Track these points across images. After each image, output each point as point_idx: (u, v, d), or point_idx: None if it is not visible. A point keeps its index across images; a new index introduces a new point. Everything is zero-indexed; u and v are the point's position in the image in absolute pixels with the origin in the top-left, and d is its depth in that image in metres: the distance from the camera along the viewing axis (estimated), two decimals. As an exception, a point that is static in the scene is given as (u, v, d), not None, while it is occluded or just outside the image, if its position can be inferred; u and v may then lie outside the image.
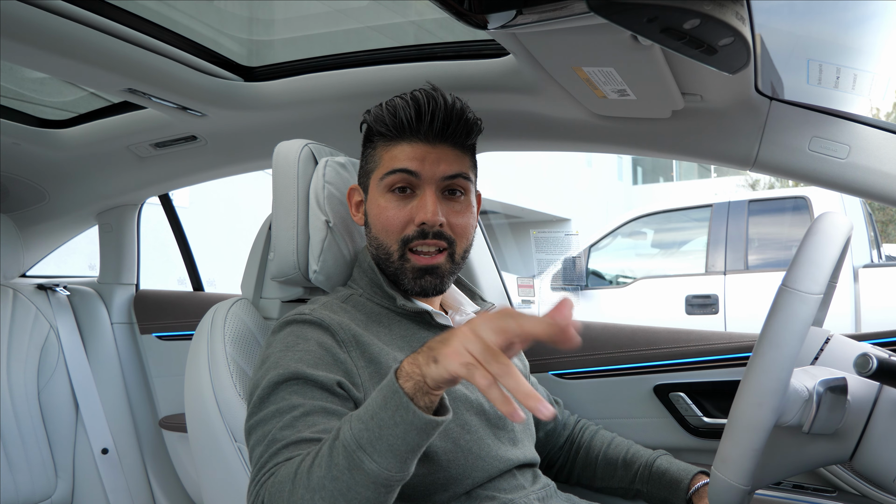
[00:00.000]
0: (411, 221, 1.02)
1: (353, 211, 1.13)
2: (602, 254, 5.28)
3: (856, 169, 1.11)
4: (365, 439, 0.72)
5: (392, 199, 1.03)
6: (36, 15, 1.10)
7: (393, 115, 1.02)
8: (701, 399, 1.40)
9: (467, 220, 1.06)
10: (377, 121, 1.05)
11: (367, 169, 1.08)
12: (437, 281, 1.04)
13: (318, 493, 0.73)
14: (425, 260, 1.02)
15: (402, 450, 0.72)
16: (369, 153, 1.08)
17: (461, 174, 1.04)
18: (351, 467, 0.72)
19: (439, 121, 1.01)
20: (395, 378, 0.72)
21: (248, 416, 0.90)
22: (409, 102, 1.02)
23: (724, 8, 0.77)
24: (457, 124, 1.03)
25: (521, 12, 0.85)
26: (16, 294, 1.98)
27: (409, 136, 1.02)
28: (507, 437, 1.04)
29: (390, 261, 1.04)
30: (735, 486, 0.78)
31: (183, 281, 2.37)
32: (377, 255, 1.06)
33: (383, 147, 1.05)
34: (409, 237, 1.02)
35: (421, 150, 1.02)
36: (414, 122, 1.01)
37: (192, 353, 1.18)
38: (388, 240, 1.03)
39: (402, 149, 1.03)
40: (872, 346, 0.96)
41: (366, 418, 0.73)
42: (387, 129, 1.03)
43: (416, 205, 1.02)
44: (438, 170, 1.02)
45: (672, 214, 5.26)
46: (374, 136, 1.07)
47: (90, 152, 1.82)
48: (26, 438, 1.87)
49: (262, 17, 1.47)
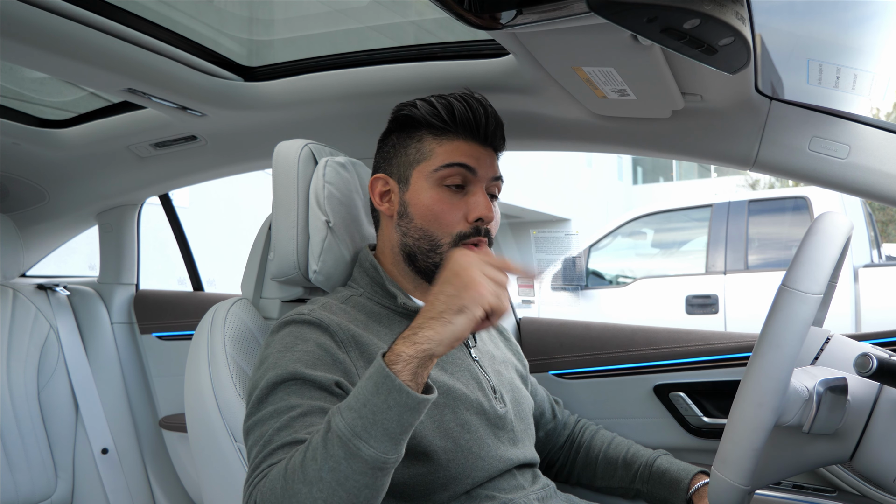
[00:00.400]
0: (464, 218, 1.04)
1: (379, 201, 1.10)
2: (602, 254, 5.28)
3: (856, 169, 1.11)
4: (360, 427, 0.73)
5: (447, 193, 1.04)
6: (36, 15, 1.10)
7: (450, 110, 1.04)
8: (701, 399, 1.40)
9: (498, 221, 1.11)
10: (431, 114, 1.05)
11: (410, 159, 1.07)
12: None
13: (316, 486, 0.74)
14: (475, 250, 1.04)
15: (396, 431, 0.74)
16: (412, 144, 1.07)
17: (501, 178, 1.09)
18: (348, 456, 0.73)
19: (492, 124, 1.06)
20: (386, 364, 0.74)
21: (247, 416, 0.91)
22: (462, 102, 1.04)
23: (724, 8, 0.76)
24: (501, 131, 1.08)
25: (521, 12, 0.85)
26: (16, 294, 1.98)
27: (464, 133, 1.05)
28: (507, 437, 1.04)
29: (437, 252, 1.04)
30: (735, 486, 0.78)
31: (183, 281, 2.37)
32: (418, 246, 1.05)
33: (434, 140, 1.05)
34: (465, 233, 1.04)
35: (477, 149, 1.05)
36: (472, 121, 1.04)
37: (192, 353, 1.18)
38: (440, 232, 1.04)
39: (459, 145, 1.05)
40: (872, 346, 0.96)
41: (357, 406, 0.74)
42: (444, 123, 1.04)
43: (471, 201, 1.04)
44: (490, 170, 1.06)
45: (672, 214, 5.26)
46: (422, 129, 1.07)
47: (90, 152, 1.82)
48: (26, 438, 1.87)
49: (262, 17, 1.46)
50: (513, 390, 1.12)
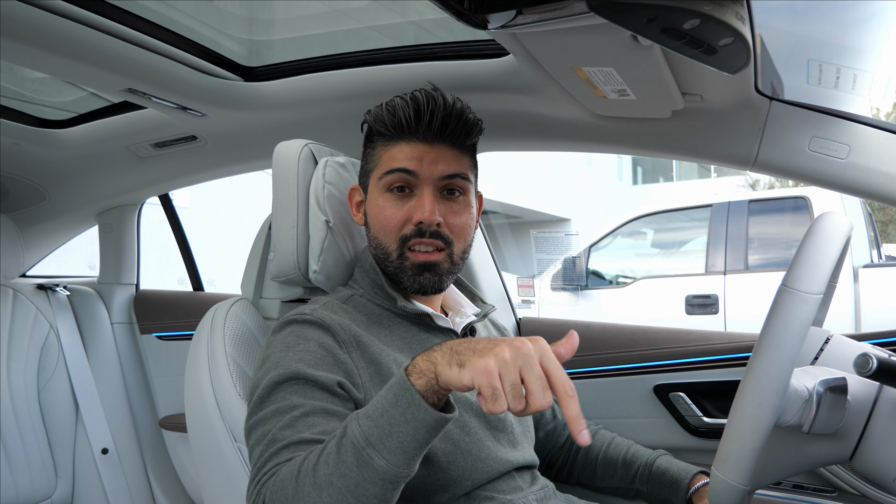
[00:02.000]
0: (409, 221, 1.02)
1: (354, 211, 1.13)
2: (602, 254, 5.28)
3: (856, 169, 1.11)
4: (375, 436, 0.72)
5: (390, 199, 1.03)
6: (36, 15, 1.10)
7: (392, 114, 1.03)
8: (701, 399, 1.40)
9: (465, 220, 1.06)
10: (377, 120, 1.05)
11: (367, 169, 1.09)
12: (435, 279, 1.04)
13: (326, 491, 0.73)
14: (423, 256, 1.02)
15: (411, 447, 0.72)
16: (369, 153, 1.09)
17: (459, 174, 1.04)
18: (360, 464, 0.72)
19: (438, 121, 1.01)
20: (407, 376, 0.73)
21: (248, 415, 0.90)
22: (409, 102, 1.02)
23: (724, 8, 0.76)
24: (456, 124, 1.03)
25: (521, 12, 0.85)
26: (16, 294, 1.98)
27: (407, 135, 1.03)
28: (507, 439, 1.04)
29: (389, 260, 1.04)
30: (735, 486, 0.78)
31: (183, 281, 2.37)
32: (377, 254, 1.06)
33: (382, 147, 1.06)
34: (407, 236, 1.02)
35: (419, 150, 1.02)
36: (413, 122, 1.02)
37: (192, 353, 1.18)
38: (387, 239, 1.04)
39: (401, 148, 1.03)
40: (872, 346, 0.96)
41: (375, 416, 0.73)
42: (386, 128, 1.04)
43: (414, 204, 1.02)
44: (436, 169, 1.02)
45: (672, 214, 5.26)
46: (374, 136, 1.07)
47: (90, 152, 1.82)
48: (26, 438, 1.87)
49: (262, 17, 1.46)
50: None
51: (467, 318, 1.12)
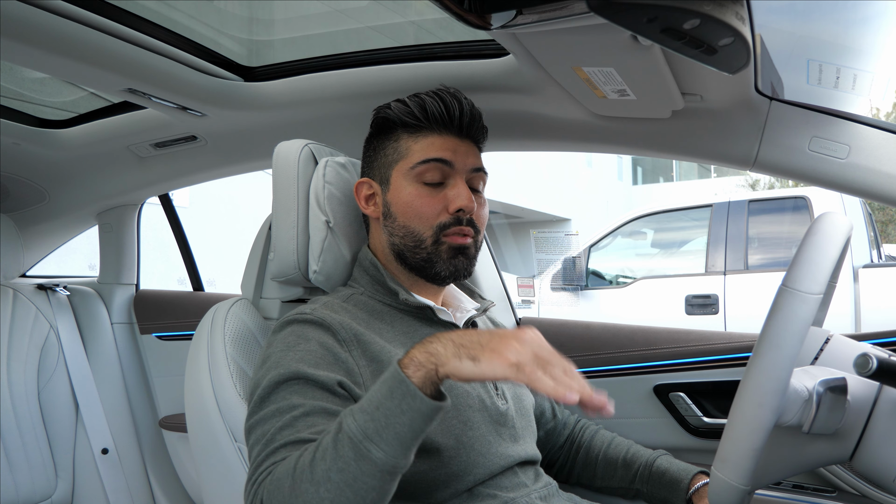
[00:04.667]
0: (444, 209, 1.05)
1: (364, 204, 1.12)
2: (602, 254, 5.28)
3: (856, 169, 1.11)
4: (371, 429, 0.73)
5: (425, 188, 1.05)
6: (36, 15, 1.10)
7: (422, 107, 1.05)
8: (701, 399, 1.40)
9: (485, 213, 1.11)
10: (404, 113, 1.07)
11: (389, 160, 1.09)
12: (467, 262, 1.07)
13: (324, 486, 0.74)
14: (460, 240, 1.05)
15: (408, 437, 0.74)
16: (390, 145, 1.09)
17: (482, 169, 1.10)
18: (358, 458, 0.73)
19: (467, 116, 1.06)
20: (400, 368, 0.74)
21: (248, 415, 0.91)
22: (435, 98, 1.05)
23: (724, 8, 0.76)
24: (479, 123, 1.09)
25: (521, 12, 0.85)
26: (16, 294, 1.98)
27: (438, 128, 1.06)
28: (509, 434, 1.04)
29: (422, 247, 1.05)
30: (735, 486, 0.78)
31: (183, 281, 2.37)
32: (403, 244, 1.06)
33: (410, 138, 1.07)
34: (446, 224, 1.04)
35: (452, 142, 1.06)
36: (446, 115, 1.05)
37: (192, 353, 1.18)
38: (422, 226, 1.05)
39: (433, 140, 1.06)
40: (872, 346, 0.96)
41: (370, 409, 0.75)
42: (417, 120, 1.06)
43: (451, 193, 1.05)
44: (468, 161, 1.07)
45: (672, 214, 5.26)
46: (398, 128, 1.08)
47: (90, 152, 1.82)
48: (26, 438, 1.87)
49: (262, 17, 1.46)
50: (514, 387, 1.12)
51: (468, 313, 1.12)
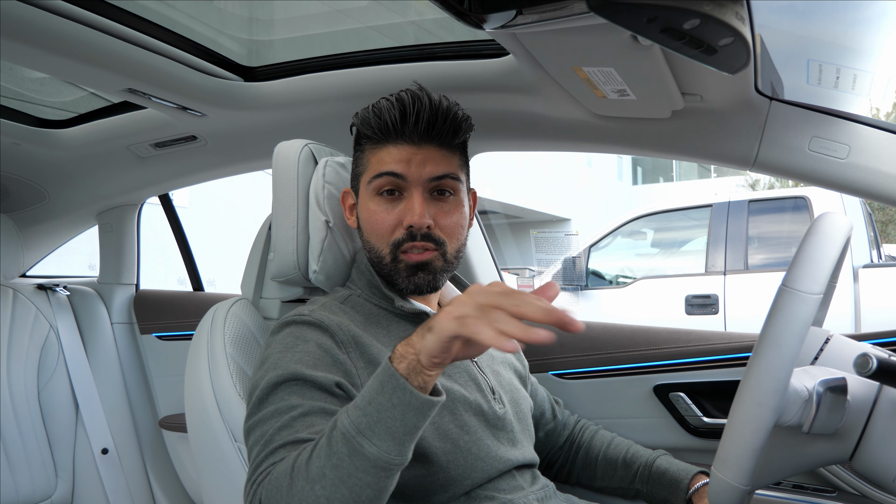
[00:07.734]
0: (400, 224, 1.02)
1: (347, 214, 1.13)
2: (602, 254, 5.28)
3: (856, 169, 1.11)
4: (364, 424, 0.73)
5: (380, 203, 1.03)
6: (36, 15, 1.10)
7: (378, 117, 1.02)
8: (701, 399, 1.39)
9: (457, 220, 1.05)
10: (363, 123, 1.04)
11: (357, 172, 1.08)
12: (429, 277, 1.03)
13: (319, 483, 0.74)
14: (416, 256, 1.02)
15: (399, 431, 0.73)
16: (358, 156, 1.08)
17: (448, 174, 1.03)
18: (351, 453, 0.73)
19: (424, 121, 1.00)
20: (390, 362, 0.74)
21: (247, 416, 0.91)
22: (394, 104, 1.01)
23: (724, 8, 0.76)
24: (443, 124, 1.01)
25: (521, 12, 0.85)
26: (16, 294, 1.98)
27: (394, 138, 1.02)
28: (506, 438, 1.04)
29: (383, 263, 1.04)
30: (735, 486, 0.78)
31: (183, 281, 2.37)
32: (371, 257, 1.06)
33: (370, 150, 1.05)
34: (399, 240, 1.02)
35: (406, 152, 1.01)
36: (399, 124, 1.00)
37: (192, 353, 1.18)
38: (379, 243, 1.03)
39: (388, 151, 1.02)
40: (872, 346, 0.96)
41: (363, 405, 0.74)
42: (372, 131, 1.03)
43: (404, 207, 1.02)
44: (425, 171, 1.01)
45: (672, 214, 5.25)
46: (362, 139, 1.07)
47: (90, 152, 1.82)
48: (26, 438, 1.87)
49: (262, 17, 1.47)
50: (511, 391, 1.12)
51: None
